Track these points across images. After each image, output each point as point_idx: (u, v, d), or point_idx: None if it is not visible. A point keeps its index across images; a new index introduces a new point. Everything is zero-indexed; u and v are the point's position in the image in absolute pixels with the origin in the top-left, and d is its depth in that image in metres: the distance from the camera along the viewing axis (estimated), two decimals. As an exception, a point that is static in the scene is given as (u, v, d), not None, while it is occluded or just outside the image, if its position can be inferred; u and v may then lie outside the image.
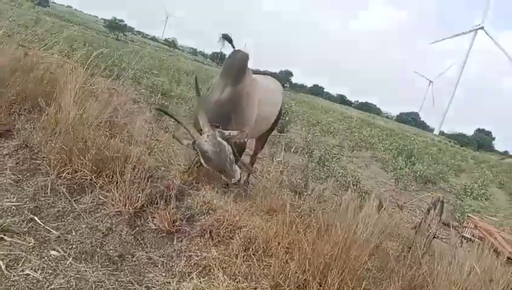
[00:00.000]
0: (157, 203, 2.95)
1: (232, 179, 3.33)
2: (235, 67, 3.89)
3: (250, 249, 2.68)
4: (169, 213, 2.85)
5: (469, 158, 31.37)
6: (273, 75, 5.38)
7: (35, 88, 3.85)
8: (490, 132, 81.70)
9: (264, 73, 5.31)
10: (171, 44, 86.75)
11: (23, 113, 3.75)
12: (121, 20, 69.66)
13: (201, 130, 3.31)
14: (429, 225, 3.50)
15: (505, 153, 69.88)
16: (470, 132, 79.75)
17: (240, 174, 3.48)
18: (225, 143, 3.29)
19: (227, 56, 4.26)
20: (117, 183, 2.96)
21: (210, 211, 3.01)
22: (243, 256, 2.62)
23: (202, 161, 3.28)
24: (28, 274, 2.10)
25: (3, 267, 2.08)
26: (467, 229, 4.33)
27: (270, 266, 2.54)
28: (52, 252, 2.32)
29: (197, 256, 2.62)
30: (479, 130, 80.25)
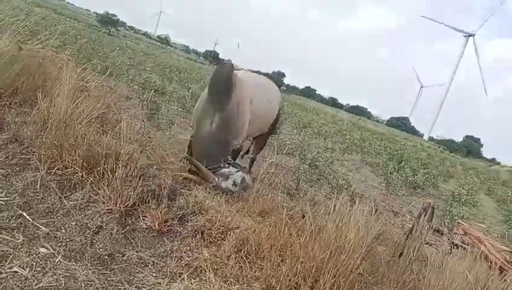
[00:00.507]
0: (148, 202, 2.92)
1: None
2: (223, 86, 3.93)
3: (242, 251, 2.66)
4: (160, 212, 2.82)
5: (457, 164, 31.75)
6: (268, 76, 5.37)
7: (27, 82, 3.78)
8: (479, 139, 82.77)
9: (259, 73, 5.29)
10: (164, 41, 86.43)
11: (13, 107, 3.68)
12: (114, 15, 69.18)
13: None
14: (420, 230, 3.51)
15: (493, 160, 70.86)
16: (459, 138, 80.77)
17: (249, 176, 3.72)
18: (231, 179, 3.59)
19: (211, 77, 4.26)
20: (108, 180, 2.92)
21: (202, 212, 2.98)
22: (235, 258, 2.60)
23: None
24: (16, 272, 2.05)
25: (-10, 263, 2.03)
26: (457, 235, 4.36)
27: (262, 268, 2.52)
28: (41, 250, 2.28)
29: (188, 257, 2.58)
30: (467, 137, 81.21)
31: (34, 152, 3.10)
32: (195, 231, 2.79)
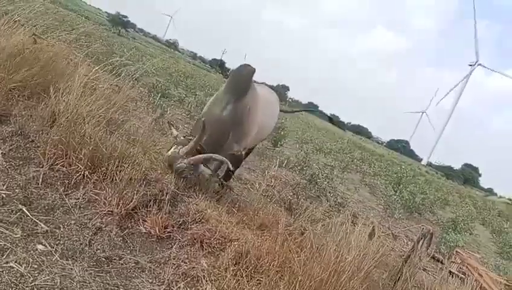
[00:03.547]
0: (149, 207, 2.90)
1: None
2: (241, 84, 3.93)
3: (241, 264, 2.63)
4: (161, 218, 2.80)
5: (454, 192, 31.69)
6: (272, 88, 5.35)
7: (38, 75, 3.76)
8: (477, 168, 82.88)
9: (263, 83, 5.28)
10: (172, 45, 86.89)
11: (21, 100, 3.65)
12: (125, 16, 69.70)
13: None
14: (419, 256, 3.50)
15: (490, 190, 70.82)
16: (457, 165, 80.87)
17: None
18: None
19: (233, 70, 4.27)
20: (111, 181, 2.90)
21: (203, 220, 2.96)
22: (233, 270, 2.57)
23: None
24: (12, 267, 2.02)
25: (-12, 257, 2.00)
26: (453, 264, 4.33)
27: (260, 283, 2.49)
28: (39, 247, 2.25)
29: (186, 265, 2.56)
30: (466, 165, 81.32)
31: (38, 147, 3.08)
32: (195, 239, 2.77)
